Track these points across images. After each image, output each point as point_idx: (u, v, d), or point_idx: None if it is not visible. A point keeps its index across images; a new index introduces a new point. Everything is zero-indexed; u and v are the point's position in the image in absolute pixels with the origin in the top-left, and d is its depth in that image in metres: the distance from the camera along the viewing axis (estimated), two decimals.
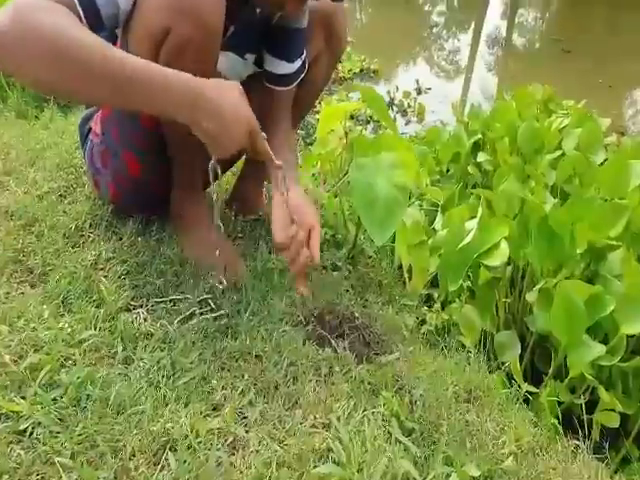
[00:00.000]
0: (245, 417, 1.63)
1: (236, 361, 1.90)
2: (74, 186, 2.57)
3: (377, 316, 2.56)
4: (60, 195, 2.51)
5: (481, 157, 4.10)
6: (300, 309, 2.34)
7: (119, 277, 2.09)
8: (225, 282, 2.06)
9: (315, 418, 1.71)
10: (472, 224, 3.15)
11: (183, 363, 1.70)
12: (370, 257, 3.09)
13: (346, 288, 2.60)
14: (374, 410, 1.83)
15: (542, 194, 3.34)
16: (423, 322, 2.78)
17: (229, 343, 1.95)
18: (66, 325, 1.73)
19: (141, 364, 1.68)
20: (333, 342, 2.15)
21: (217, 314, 2.10)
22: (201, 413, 1.56)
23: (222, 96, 1.56)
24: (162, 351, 1.80)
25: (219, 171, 1.79)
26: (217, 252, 2.04)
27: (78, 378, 1.52)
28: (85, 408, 1.47)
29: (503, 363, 2.81)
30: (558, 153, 3.97)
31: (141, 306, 2.06)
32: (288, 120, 2.35)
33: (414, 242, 3.03)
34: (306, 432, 1.58)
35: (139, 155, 2.17)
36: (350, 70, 8.73)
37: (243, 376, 1.83)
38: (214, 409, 1.63)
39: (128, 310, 2.03)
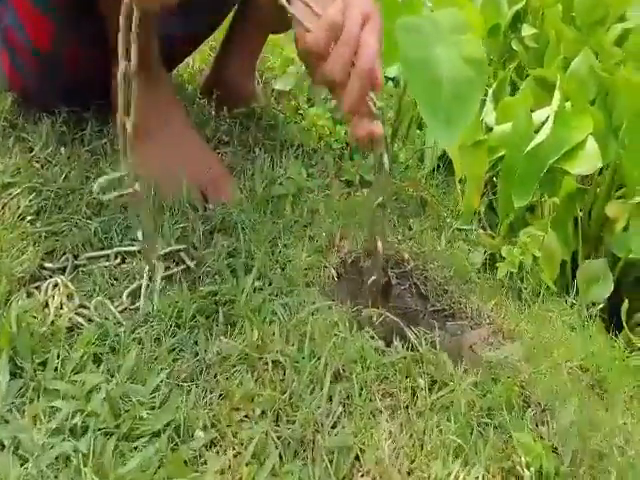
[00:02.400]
0: None
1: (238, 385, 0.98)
2: None
3: (431, 252, 1.63)
4: None
5: (526, 30, 3.10)
6: (327, 254, 1.42)
7: (22, 218, 1.14)
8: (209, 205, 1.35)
9: None
10: (541, 116, 2.20)
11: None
12: (405, 165, 2.14)
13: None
14: None
15: (632, 72, 2.36)
16: (492, 257, 1.87)
17: (218, 343, 1.04)
18: None
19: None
20: (402, 326, 1.25)
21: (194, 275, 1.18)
22: None
23: None
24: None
25: None
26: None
27: None
28: None
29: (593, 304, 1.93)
30: (626, 26, 2.96)
31: (60, 271, 1.13)
32: None
33: (469, 142, 2.08)
34: None
35: (48, 12, 1.21)
36: None
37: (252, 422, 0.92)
38: None
39: (36, 279, 1.10)
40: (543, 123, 2.13)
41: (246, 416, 0.92)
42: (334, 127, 2.03)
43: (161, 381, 0.92)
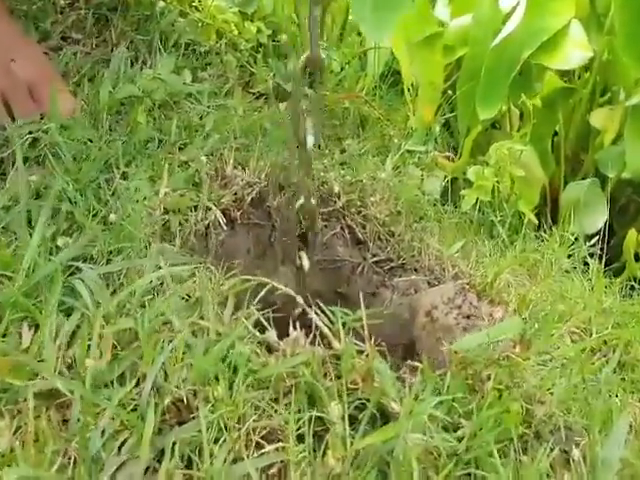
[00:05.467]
0: None
1: None
2: None
3: (371, 181, 1.10)
4: None
5: None
6: (208, 188, 0.88)
7: None
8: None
9: None
10: (509, 3, 1.66)
11: None
12: (340, 74, 1.59)
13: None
14: None
15: None
16: (453, 184, 1.35)
17: None
18: None
19: None
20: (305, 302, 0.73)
21: None
22: None
23: None
24: None
25: None
26: None
27: None
28: None
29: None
30: None
31: None
32: None
33: (418, 37, 1.54)
34: None
35: None
36: None
37: None
38: None
39: None
40: (512, 11, 1.58)
41: None
42: (242, 23, 1.46)
43: None
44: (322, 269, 1.10)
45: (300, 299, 0.70)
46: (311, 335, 0.68)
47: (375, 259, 1.13)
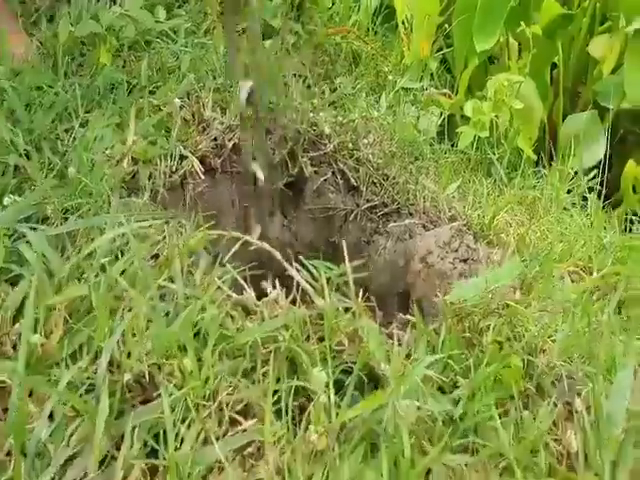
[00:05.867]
0: None
1: None
2: None
3: (364, 121, 0.98)
4: None
5: None
6: (183, 133, 0.77)
7: None
8: None
9: None
10: None
11: None
12: (331, 9, 1.45)
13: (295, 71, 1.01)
14: None
15: None
16: (450, 122, 1.23)
17: None
18: None
19: None
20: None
21: None
22: None
23: None
24: None
25: None
26: None
27: None
28: None
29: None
30: None
31: None
32: None
33: None
34: None
35: None
36: None
37: None
38: None
39: None
40: None
41: None
42: None
43: None
44: (313, 219, 1.00)
45: (278, 254, 0.60)
46: (293, 294, 0.58)
47: (369, 205, 1.02)
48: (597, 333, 0.65)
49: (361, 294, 0.58)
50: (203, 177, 0.82)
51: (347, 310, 0.57)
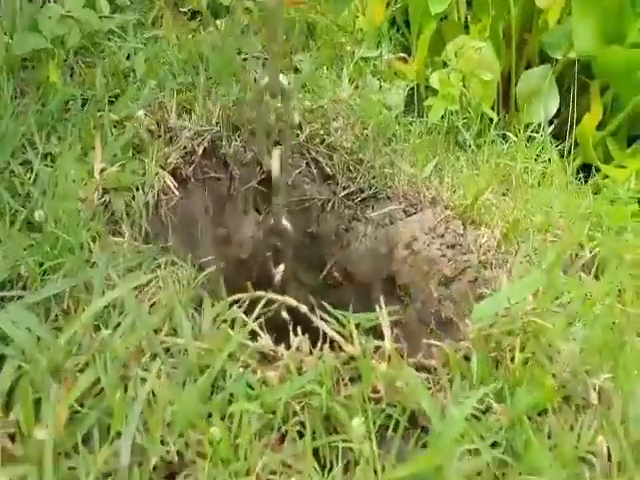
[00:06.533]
0: None
1: None
2: None
3: (332, 104, 0.93)
4: None
5: None
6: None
7: None
8: None
9: None
10: None
11: None
12: None
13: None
14: None
15: None
16: (416, 90, 1.18)
17: None
18: None
19: None
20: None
21: None
22: None
23: None
24: None
25: None
26: None
27: None
28: None
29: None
30: None
31: None
32: None
33: None
34: None
35: None
36: None
37: None
38: None
39: None
40: None
41: None
42: None
43: None
44: (289, 211, 0.95)
45: (304, 308, 0.54)
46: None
47: (345, 192, 0.98)
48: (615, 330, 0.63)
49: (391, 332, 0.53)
50: (177, 191, 0.75)
51: (377, 350, 0.53)
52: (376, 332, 0.56)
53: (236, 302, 0.54)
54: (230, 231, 0.90)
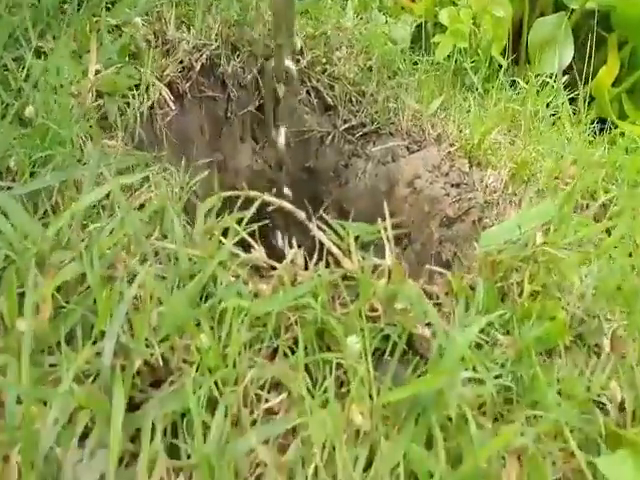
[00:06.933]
0: None
1: None
2: None
3: (335, 32, 0.88)
4: None
5: None
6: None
7: None
8: None
9: None
10: None
11: None
12: None
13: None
14: None
15: None
16: (424, 27, 1.14)
17: None
18: None
19: None
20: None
21: None
22: None
23: None
24: None
25: None
26: None
27: None
28: None
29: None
30: None
31: None
32: None
33: None
34: None
35: None
36: None
37: None
38: None
39: None
40: None
41: None
42: None
43: None
44: (287, 143, 0.91)
45: (301, 214, 0.52)
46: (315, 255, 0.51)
47: (346, 125, 0.94)
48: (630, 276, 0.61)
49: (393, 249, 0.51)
50: (172, 105, 0.72)
51: (375, 269, 0.51)
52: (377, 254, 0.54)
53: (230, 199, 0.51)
54: (226, 157, 0.87)
